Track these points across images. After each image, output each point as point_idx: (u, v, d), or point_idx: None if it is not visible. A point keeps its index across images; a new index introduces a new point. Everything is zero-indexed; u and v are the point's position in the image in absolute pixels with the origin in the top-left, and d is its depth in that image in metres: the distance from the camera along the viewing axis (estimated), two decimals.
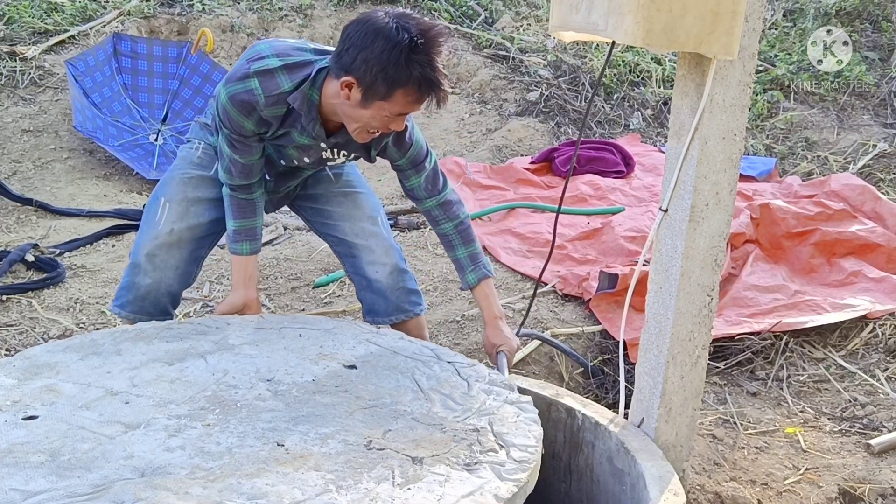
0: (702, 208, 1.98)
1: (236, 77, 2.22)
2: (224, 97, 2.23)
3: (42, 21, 6.05)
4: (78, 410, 1.83)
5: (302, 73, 2.21)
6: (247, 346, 2.19)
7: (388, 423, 1.83)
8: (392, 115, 2.14)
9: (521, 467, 1.71)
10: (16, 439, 1.71)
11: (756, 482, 2.56)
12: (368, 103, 2.10)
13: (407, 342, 2.26)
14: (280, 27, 6.76)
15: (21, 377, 1.97)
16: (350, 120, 2.19)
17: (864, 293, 3.60)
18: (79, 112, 5.06)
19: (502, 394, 2.01)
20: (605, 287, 3.41)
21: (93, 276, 3.66)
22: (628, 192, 4.82)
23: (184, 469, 1.64)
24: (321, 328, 2.32)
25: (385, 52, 2.01)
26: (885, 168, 5.36)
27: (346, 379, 2.04)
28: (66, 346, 2.15)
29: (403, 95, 2.08)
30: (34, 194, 4.58)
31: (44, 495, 1.53)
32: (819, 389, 3.11)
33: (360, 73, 2.06)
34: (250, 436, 1.77)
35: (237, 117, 2.25)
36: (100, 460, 1.65)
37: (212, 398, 1.92)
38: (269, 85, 2.20)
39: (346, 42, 2.08)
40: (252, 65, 2.21)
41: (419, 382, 2.03)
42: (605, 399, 2.98)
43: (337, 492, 1.58)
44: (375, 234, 2.59)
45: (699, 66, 1.90)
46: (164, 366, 2.06)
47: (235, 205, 2.45)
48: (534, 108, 6.13)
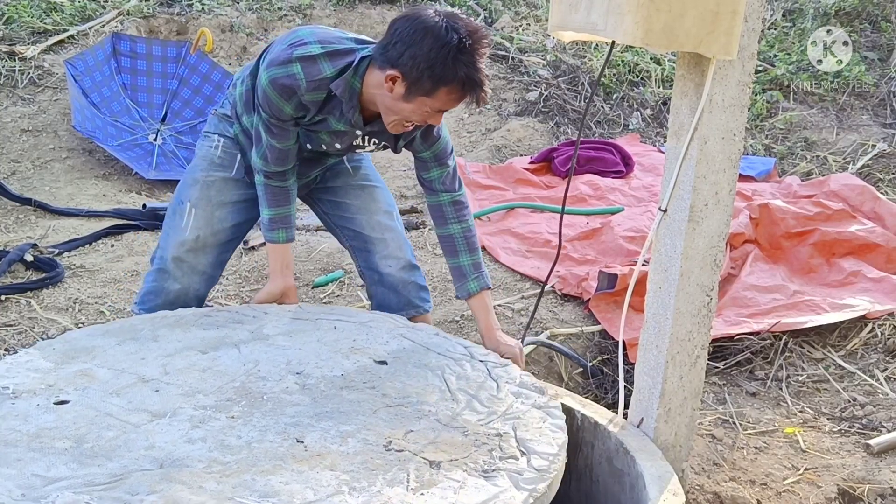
0: (701, 208, 1.97)
1: (278, 61, 2.25)
2: (265, 81, 2.25)
3: (41, 21, 6.05)
4: (108, 397, 1.86)
5: (344, 61, 2.24)
6: (281, 336, 2.20)
7: (410, 424, 1.82)
8: (432, 111, 2.20)
9: (539, 476, 1.68)
10: (45, 424, 1.74)
11: (755, 482, 2.56)
12: (411, 98, 2.15)
13: (441, 338, 2.25)
14: (279, 27, 6.75)
15: (59, 360, 2.00)
16: (389, 112, 2.23)
17: (864, 293, 3.60)
18: (78, 112, 5.06)
19: (531, 397, 1.99)
20: (605, 287, 3.41)
21: (92, 276, 3.66)
22: (627, 193, 4.81)
23: (201, 462, 1.65)
24: (357, 321, 2.31)
25: (433, 50, 2.07)
26: (885, 168, 5.36)
27: (374, 375, 2.03)
28: (105, 330, 2.18)
29: (447, 93, 2.14)
30: (33, 194, 4.58)
31: (63, 483, 1.55)
32: (818, 389, 3.11)
33: (407, 68, 2.11)
34: (272, 430, 1.77)
35: (277, 101, 2.27)
36: (122, 449, 1.67)
37: (239, 389, 1.93)
38: (312, 70, 2.23)
39: (394, 36, 2.13)
40: (295, 50, 2.24)
41: (448, 382, 2.02)
42: (605, 399, 2.97)
43: (349, 493, 1.57)
44: (391, 228, 2.63)
45: (698, 66, 1.90)
46: (197, 354, 2.08)
47: (270, 193, 2.46)
48: (533, 107, 6.12)
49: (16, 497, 1.50)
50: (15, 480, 1.55)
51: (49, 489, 1.53)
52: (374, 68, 2.21)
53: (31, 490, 1.53)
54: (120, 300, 3.45)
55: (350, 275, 3.75)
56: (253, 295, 3.57)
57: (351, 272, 3.76)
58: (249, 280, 3.71)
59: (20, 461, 1.61)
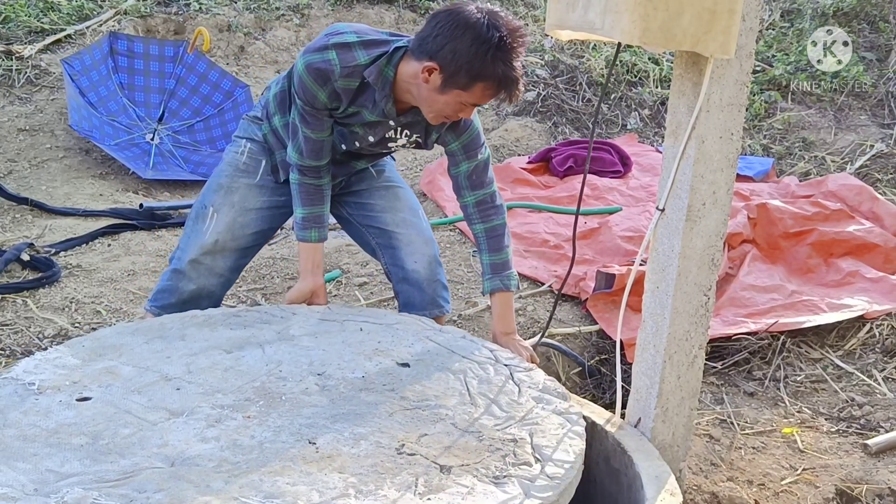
0: (699, 208, 1.97)
1: (314, 48, 2.30)
2: (301, 66, 2.30)
3: (38, 20, 6.04)
4: (129, 394, 1.88)
5: (378, 50, 2.29)
6: (306, 337, 2.21)
7: (425, 427, 1.81)
8: (466, 105, 2.25)
9: (552, 484, 1.66)
10: (64, 420, 1.77)
11: (753, 482, 2.55)
12: (446, 90, 2.20)
13: (467, 342, 2.24)
14: (277, 26, 6.75)
15: (86, 357, 2.03)
16: (424, 103, 2.28)
17: (862, 293, 3.60)
18: (74, 111, 5.04)
19: (552, 402, 1.97)
20: (602, 287, 3.41)
21: (88, 276, 3.65)
22: (626, 192, 4.81)
23: (212, 462, 1.65)
24: (384, 322, 2.31)
25: (473, 46, 2.12)
26: (883, 168, 5.36)
27: (395, 377, 2.03)
28: (135, 328, 2.21)
29: (482, 89, 2.19)
30: (30, 193, 4.56)
31: (74, 479, 1.57)
32: (816, 390, 3.10)
33: (446, 61, 2.16)
34: (286, 431, 1.77)
35: (311, 86, 2.30)
36: (135, 447, 1.69)
37: (259, 389, 1.93)
38: (346, 57, 2.27)
39: (435, 29, 2.18)
40: (331, 38, 2.30)
41: (469, 385, 2.01)
42: (602, 399, 2.97)
43: (355, 497, 1.56)
44: (416, 224, 2.66)
45: (696, 65, 1.90)
46: (222, 353, 2.09)
47: (304, 191, 2.48)
48: (531, 107, 6.12)
49: (28, 491, 1.52)
50: (29, 475, 1.57)
51: (61, 484, 1.55)
52: (410, 59, 2.26)
53: (43, 485, 1.55)
54: (116, 300, 3.44)
55: (347, 275, 3.74)
56: (251, 295, 3.57)
57: (348, 272, 3.76)
58: (247, 280, 3.71)
59: (36, 456, 1.64)
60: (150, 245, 4.01)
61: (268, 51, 6.59)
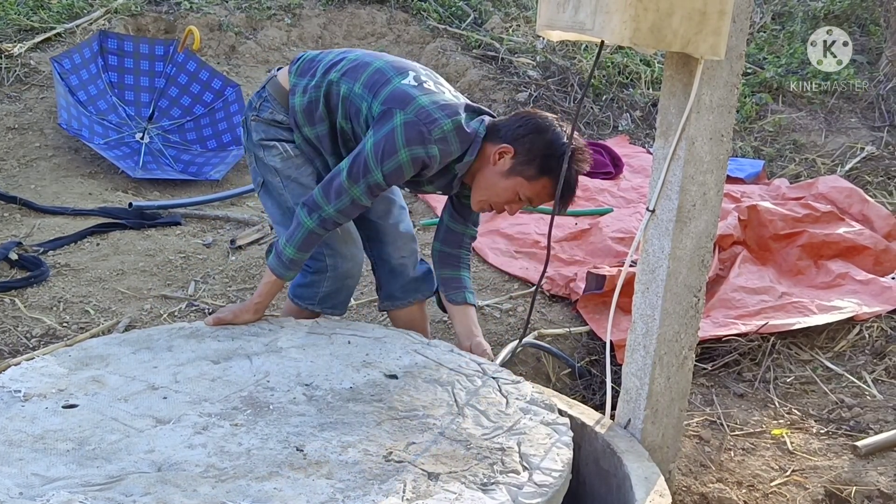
0: (689, 209, 1.97)
1: (417, 141, 2.26)
2: (406, 158, 2.27)
3: (28, 18, 6.01)
4: (116, 402, 1.89)
5: (468, 140, 2.31)
6: (294, 349, 2.22)
7: (414, 436, 1.82)
8: (522, 198, 2.33)
9: (539, 492, 1.67)
10: (50, 426, 1.78)
11: (742, 484, 2.55)
12: (511, 176, 2.30)
13: (455, 355, 2.27)
14: (268, 26, 6.73)
15: (73, 367, 2.04)
16: (482, 185, 2.36)
17: (851, 295, 3.61)
18: (64, 110, 5.02)
19: (540, 413, 1.99)
20: (593, 288, 3.40)
21: (77, 275, 3.63)
22: (616, 194, 4.81)
23: (199, 467, 1.65)
24: (372, 336, 2.34)
25: (552, 146, 2.26)
26: (873, 171, 5.38)
27: (383, 388, 2.04)
28: (122, 339, 2.22)
29: (544, 185, 2.29)
30: (18, 192, 4.54)
31: (60, 482, 1.58)
32: (806, 391, 3.11)
33: (523, 148, 2.28)
34: (273, 439, 1.78)
35: (408, 173, 2.32)
36: (122, 452, 1.69)
37: (246, 399, 1.94)
38: (446, 150, 2.29)
39: (518, 121, 2.32)
40: (431, 131, 2.25)
41: (457, 396, 2.03)
42: (592, 400, 2.97)
43: (343, 502, 1.57)
44: (402, 218, 2.73)
45: (686, 67, 1.90)
46: (209, 364, 2.10)
47: (310, 240, 2.39)
48: (522, 108, 6.12)
49: (14, 495, 1.53)
50: (15, 479, 1.58)
51: (46, 488, 1.56)
52: (487, 143, 2.33)
53: (28, 489, 1.55)
54: (105, 299, 3.42)
55: None
56: (240, 295, 3.55)
57: None
58: (237, 280, 3.69)
59: (22, 461, 1.64)
60: (140, 244, 3.99)
61: (259, 50, 6.57)
